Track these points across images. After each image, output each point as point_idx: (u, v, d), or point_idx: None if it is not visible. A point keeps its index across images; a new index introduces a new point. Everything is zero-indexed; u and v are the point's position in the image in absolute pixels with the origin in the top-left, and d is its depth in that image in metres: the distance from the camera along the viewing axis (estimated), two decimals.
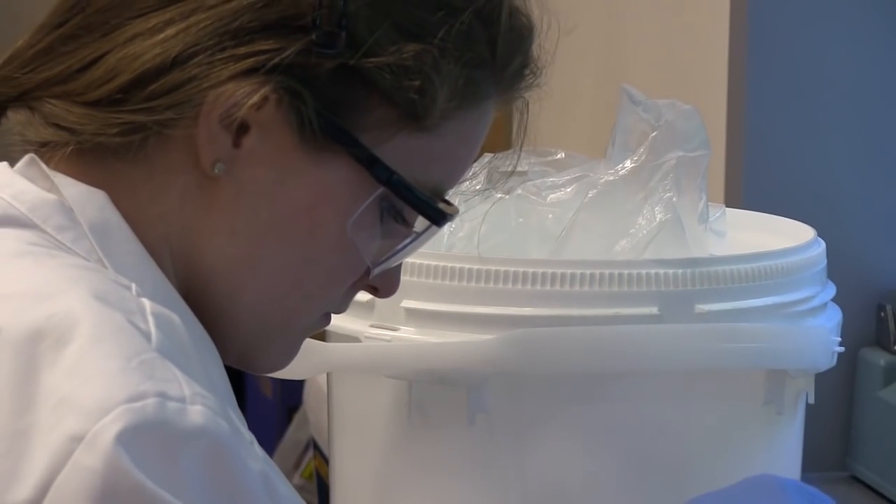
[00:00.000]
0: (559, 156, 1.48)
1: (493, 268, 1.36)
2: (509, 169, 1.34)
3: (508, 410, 1.37)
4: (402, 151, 1.13)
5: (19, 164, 1.13)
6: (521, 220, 1.45)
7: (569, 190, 1.45)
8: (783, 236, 1.49)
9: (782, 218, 1.54)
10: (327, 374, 1.51)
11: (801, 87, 1.81)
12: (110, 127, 1.10)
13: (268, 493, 1.02)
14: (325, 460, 1.72)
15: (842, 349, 1.43)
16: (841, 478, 1.83)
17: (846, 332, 1.45)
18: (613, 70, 2.13)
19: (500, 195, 1.45)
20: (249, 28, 1.09)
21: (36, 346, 1.00)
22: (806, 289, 1.42)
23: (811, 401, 1.44)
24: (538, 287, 1.35)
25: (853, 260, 1.71)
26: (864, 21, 1.82)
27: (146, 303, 1.05)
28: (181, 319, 1.08)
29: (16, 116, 1.15)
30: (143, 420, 0.96)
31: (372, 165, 1.12)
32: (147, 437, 0.96)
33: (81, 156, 1.13)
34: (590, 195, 1.42)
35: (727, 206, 1.55)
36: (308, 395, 1.98)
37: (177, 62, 1.09)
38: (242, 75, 1.09)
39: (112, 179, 1.12)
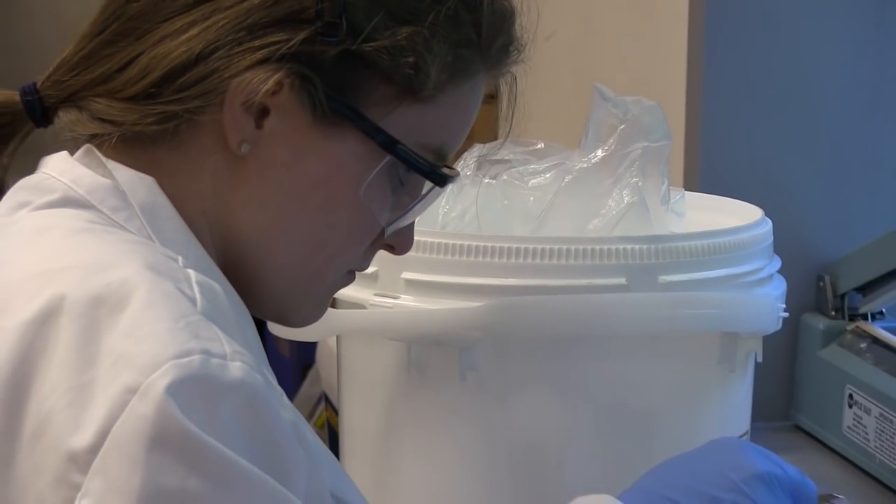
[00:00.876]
0: (539, 146, 1.48)
1: (482, 244, 1.35)
2: (495, 157, 1.35)
3: (495, 369, 1.36)
4: (403, 122, 1.13)
5: (78, 153, 1.14)
6: (506, 202, 1.46)
7: (547, 176, 1.45)
8: (735, 216, 1.49)
9: (734, 200, 1.55)
10: (337, 337, 1.51)
11: (751, 86, 1.81)
12: (147, 117, 1.11)
13: (297, 438, 1.03)
14: (335, 411, 1.72)
15: (786, 315, 1.44)
16: (785, 426, 1.84)
17: (790, 300, 1.46)
18: (587, 71, 2.12)
19: (487, 180, 1.46)
20: (261, 23, 1.10)
21: (96, 311, 1.01)
22: (755, 262, 1.43)
23: (759, 360, 1.45)
24: (521, 261, 1.35)
25: (796, 236, 1.72)
26: (808, 26, 1.82)
27: (191, 272, 1.06)
28: (221, 287, 1.08)
29: (66, 115, 1.15)
30: (189, 374, 0.97)
31: (378, 136, 1.12)
32: (192, 389, 0.97)
33: (125, 144, 1.13)
34: (566, 180, 1.43)
35: (686, 190, 1.56)
36: (320, 354, 1.97)
37: (200, 57, 1.10)
38: (258, 65, 1.10)
39: (153, 163, 1.13)
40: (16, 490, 1.01)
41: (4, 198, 1.15)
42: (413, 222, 1.21)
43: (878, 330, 1.79)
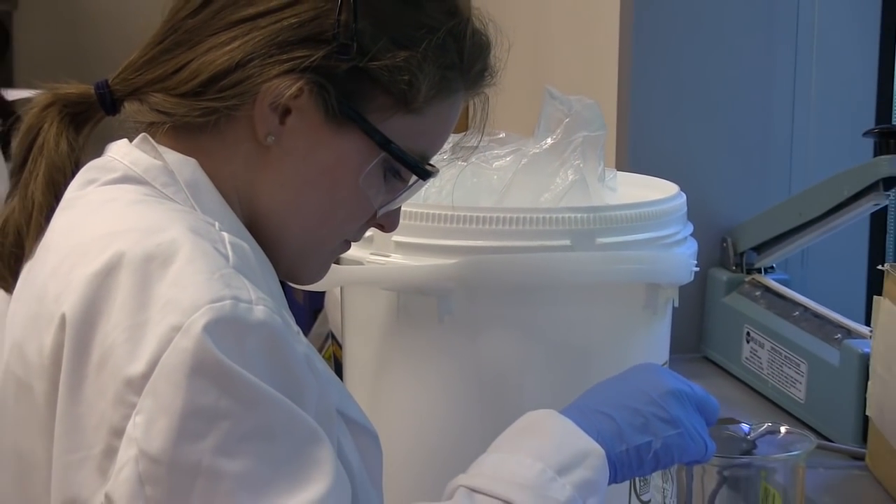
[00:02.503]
0: (501, 135, 1.48)
1: (456, 213, 1.37)
2: (467, 145, 1.36)
3: (467, 313, 1.37)
4: (397, 128, 1.14)
5: (136, 140, 1.14)
6: (475, 180, 1.46)
7: (508, 159, 1.45)
8: (657, 191, 1.50)
9: (656, 178, 1.55)
10: (341, 287, 1.51)
11: (668, 88, 1.82)
12: (194, 111, 1.12)
13: (309, 368, 1.04)
14: (340, 347, 1.72)
15: (697, 269, 1.44)
16: (696, 357, 1.85)
17: (700, 257, 1.46)
18: (539, 75, 2.11)
19: (460, 163, 1.44)
20: (289, 41, 1.11)
21: (149, 265, 1.03)
22: (672, 227, 1.43)
23: (676, 305, 1.46)
24: (486, 227, 1.36)
25: (705, 207, 1.71)
26: (717, 36, 1.82)
27: (225, 235, 1.07)
28: (249, 247, 1.09)
29: (130, 106, 1.16)
30: (222, 315, 0.99)
31: (376, 136, 1.13)
32: (224, 327, 0.99)
33: (175, 132, 1.14)
34: (522, 163, 1.43)
35: (618, 170, 1.56)
36: (327, 301, 1.96)
37: (239, 65, 1.11)
38: (285, 74, 1.10)
39: (196, 148, 1.14)
40: (84, 408, 1.02)
41: (76, 176, 1.15)
42: (400, 207, 1.22)
43: (769, 281, 1.80)
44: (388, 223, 1.22)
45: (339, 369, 1.76)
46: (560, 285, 1.37)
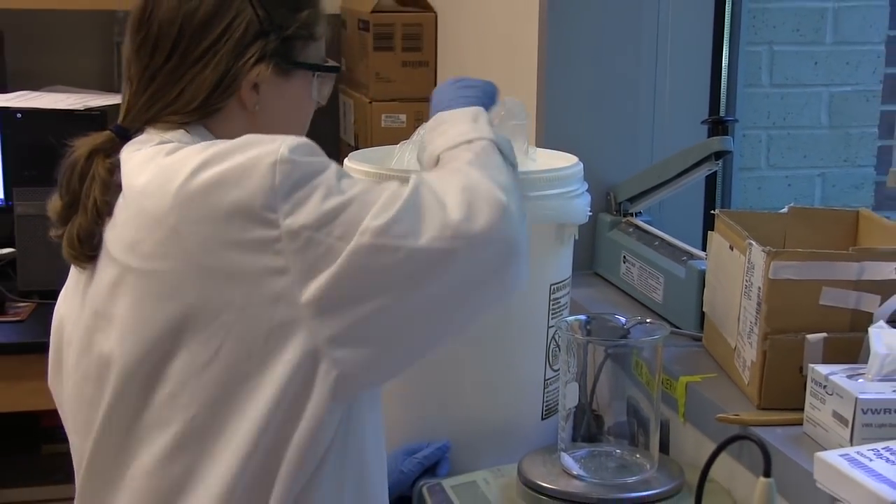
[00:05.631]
0: None
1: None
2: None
3: None
4: (313, 52, 1.16)
5: (170, 133, 1.11)
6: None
7: None
8: (563, 160, 1.47)
9: (563, 152, 1.51)
10: None
11: (570, 89, 1.77)
12: (206, 114, 1.13)
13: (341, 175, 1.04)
14: None
15: (591, 213, 1.43)
16: (589, 273, 1.79)
17: (592, 205, 1.44)
18: (481, 77, 2.13)
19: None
20: (243, 45, 1.11)
21: (220, 155, 1.03)
22: (574, 185, 1.42)
23: (576, 238, 1.45)
24: None
25: (595, 172, 1.65)
26: (601, 52, 1.77)
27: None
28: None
29: (153, 128, 1.12)
30: (292, 143, 1.02)
31: (312, 68, 1.16)
32: (294, 146, 1.02)
33: (189, 126, 1.13)
34: None
35: (537, 147, 1.54)
36: None
37: (223, 75, 1.11)
38: (253, 65, 1.11)
39: (210, 124, 1.13)
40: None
41: (125, 146, 1.11)
42: (331, 85, 1.22)
43: (638, 221, 1.78)
44: (325, 97, 1.22)
45: None
46: None
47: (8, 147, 2.35)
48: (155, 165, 1.06)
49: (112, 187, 1.09)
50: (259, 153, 1.02)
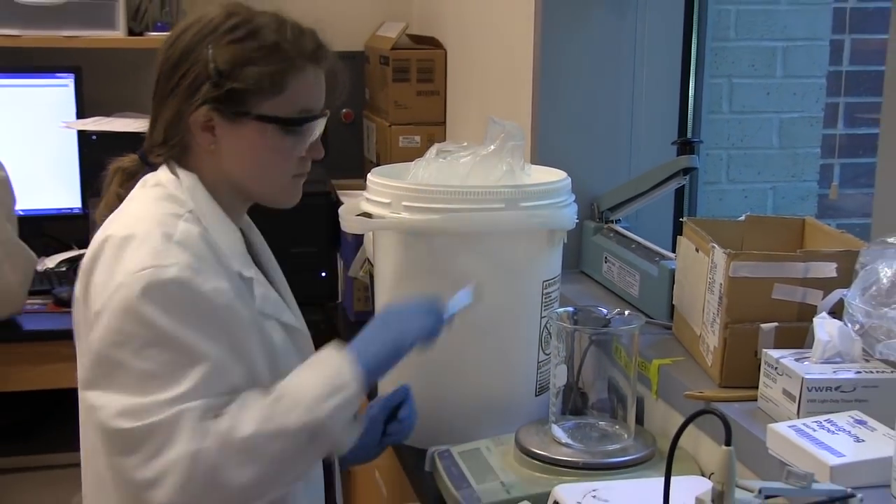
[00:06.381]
0: (464, 144, 1.45)
1: (438, 187, 1.34)
2: (445, 149, 1.35)
3: (446, 247, 1.34)
4: (275, 103, 1.10)
5: (162, 168, 1.14)
6: (448, 169, 1.43)
7: (468, 157, 1.42)
8: (554, 175, 1.46)
9: (554, 169, 1.50)
10: (372, 232, 1.49)
11: (559, 114, 1.75)
12: (175, 151, 1.13)
13: (218, 297, 1.02)
14: (371, 266, 1.71)
15: (577, 220, 1.43)
16: (576, 272, 1.76)
17: (579, 214, 1.44)
18: (485, 109, 2.03)
19: (440, 159, 1.44)
20: (193, 89, 1.10)
21: (127, 244, 1.05)
22: (563, 196, 1.41)
23: (565, 241, 1.44)
24: (456, 196, 1.34)
25: (582, 184, 1.63)
26: (586, 80, 1.75)
27: (181, 223, 1.07)
28: (204, 230, 1.08)
29: (156, 158, 1.16)
30: (148, 277, 1.02)
31: (261, 118, 1.10)
32: (148, 285, 1.02)
33: (182, 158, 1.14)
34: (477, 159, 1.41)
35: (532, 164, 1.53)
36: (365, 239, 1.78)
37: (175, 114, 1.11)
38: (198, 108, 1.10)
39: (190, 164, 1.14)
40: (88, 314, 1.06)
41: (138, 184, 1.15)
42: (318, 140, 1.13)
43: (618, 227, 1.75)
44: (314, 155, 1.15)
45: (371, 280, 1.73)
46: (499, 231, 1.36)
47: (85, 164, 2.39)
48: (121, 214, 1.09)
49: (114, 209, 1.13)
50: (122, 272, 1.02)
